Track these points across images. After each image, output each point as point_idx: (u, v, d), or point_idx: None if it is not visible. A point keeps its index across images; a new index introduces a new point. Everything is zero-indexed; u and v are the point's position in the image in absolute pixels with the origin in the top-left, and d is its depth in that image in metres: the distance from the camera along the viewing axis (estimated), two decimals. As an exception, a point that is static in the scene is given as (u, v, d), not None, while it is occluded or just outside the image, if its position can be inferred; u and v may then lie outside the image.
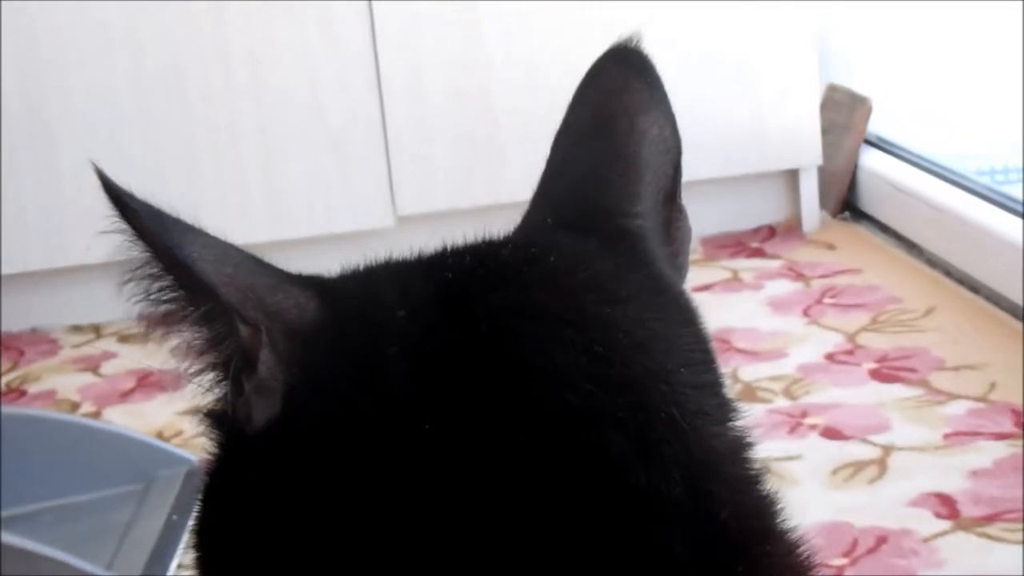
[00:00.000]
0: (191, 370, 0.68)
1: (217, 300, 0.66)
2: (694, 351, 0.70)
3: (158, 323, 0.67)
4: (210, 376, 0.69)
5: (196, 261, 0.65)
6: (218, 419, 0.70)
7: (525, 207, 0.78)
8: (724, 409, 0.70)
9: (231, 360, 0.68)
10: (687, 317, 0.72)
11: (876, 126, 2.73)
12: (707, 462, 0.66)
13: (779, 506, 0.69)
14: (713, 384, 0.70)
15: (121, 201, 0.66)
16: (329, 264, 0.75)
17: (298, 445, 0.67)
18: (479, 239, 0.73)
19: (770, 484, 0.69)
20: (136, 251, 0.66)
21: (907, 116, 2.83)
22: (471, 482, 0.64)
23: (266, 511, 0.68)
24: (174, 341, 0.68)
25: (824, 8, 2.73)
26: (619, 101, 0.74)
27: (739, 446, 0.69)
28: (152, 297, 0.67)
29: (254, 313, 0.67)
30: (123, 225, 0.66)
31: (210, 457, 0.70)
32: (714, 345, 0.72)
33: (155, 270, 0.66)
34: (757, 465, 0.69)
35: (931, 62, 2.96)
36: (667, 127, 0.74)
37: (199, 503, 0.71)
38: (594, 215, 0.73)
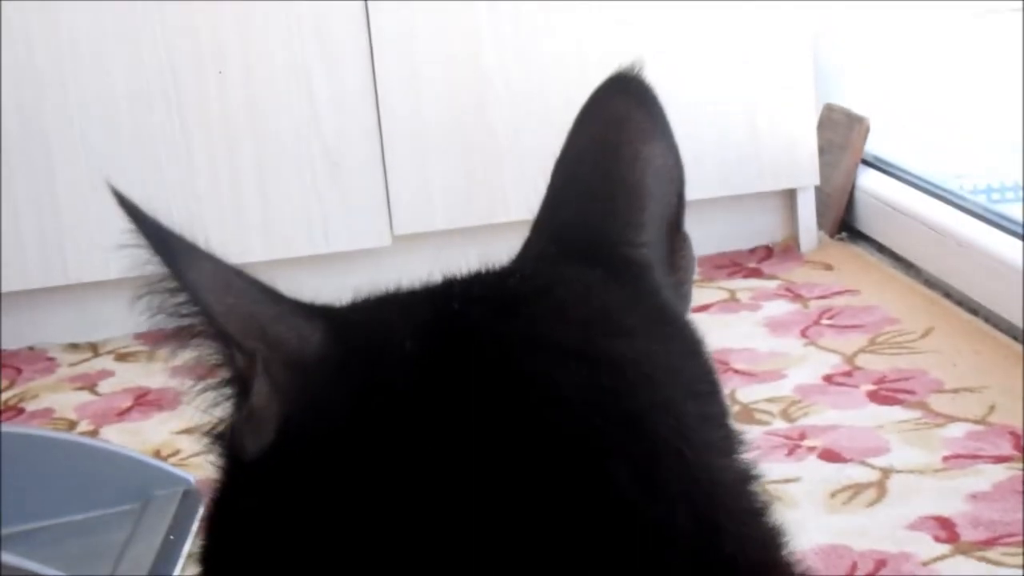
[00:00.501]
0: (197, 388, 0.68)
1: (217, 328, 0.66)
2: (700, 383, 0.70)
3: (169, 337, 0.67)
4: (214, 395, 0.69)
5: (198, 289, 0.65)
6: (221, 442, 0.70)
7: (523, 227, 0.77)
8: (730, 441, 0.69)
9: (233, 383, 0.68)
10: (693, 348, 0.72)
11: (873, 146, 2.73)
12: (713, 495, 0.66)
13: (785, 538, 0.69)
14: (719, 416, 0.70)
15: (136, 218, 0.66)
16: (325, 283, 0.75)
17: (293, 475, 0.67)
18: (484, 268, 0.73)
19: (776, 516, 0.69)
20: (154, 265, 0.66)
21: (904, 136, 2.83)
22: (474, 516, 0.64)
23: (260, 541, 0.67)
24: (183, 357, 0.67)
25: (821, 28, 2.73)
26: (622, 130, 0.74)
27: (745, 478, 0.69)
28: (168, 311, 0.67)
29: (252, 343, 0.66)
30: (140, 240, 0.66)
31: (215, 481, 0.70)
32: (718, 374, 0.72)
33: (173, 285, 0.66)
34: (763, 497, 0.69)
35: (928, 81, 2.97)
36: (670, 156, 0.74)
37: (204, 529, 0.71)
38: (599, 245, 0.72)
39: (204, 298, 0.66)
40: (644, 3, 2.56)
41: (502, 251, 0.75)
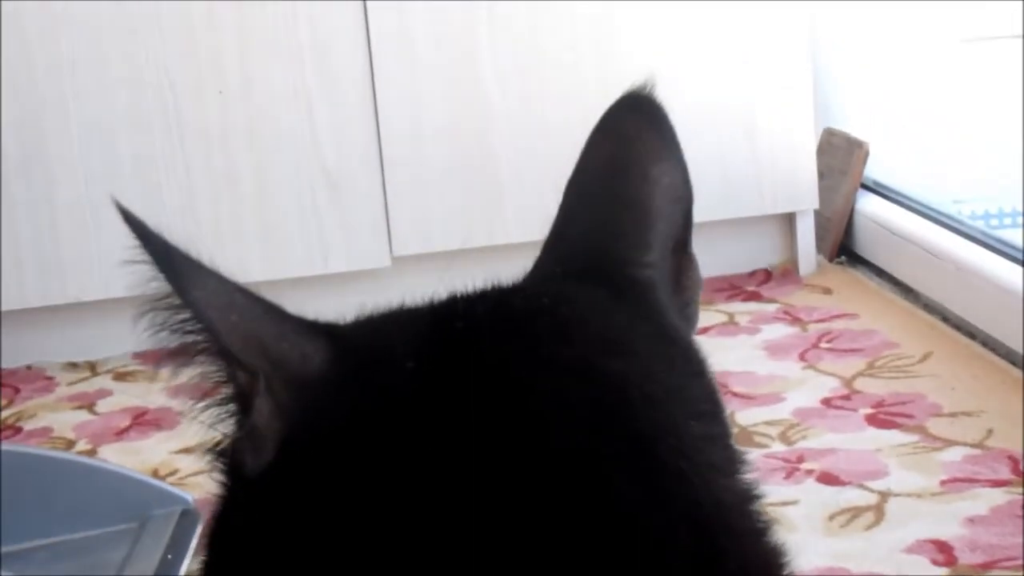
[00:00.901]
0: (199, 405, 0.68)
1: (219, 346, 0.66)
2: (703, 403, 0.70)
3: (173, 355, 0.67)
4: (216, 412, 0.69)
5: (201, 306, 0.65)
6: (223, 458, 0.70)
7: (522, 249, 0.78)
8: (732, 461, 0.70)
9: (235, 400, 0.68)
10: (696, 368, 0.72)
11: (873, 170, 2.74)
12: (716, 515, 0.66)
13: (787, 558, 0.69)
14: (721, 436, 0.70)
15: (141, 235, 0.66)
16: (324, 304, 0.75)
17: (293, 492, 0.67)
18: (488, 286, 0.73)
19: (777, 536, 0.69)
20: (158, 282, 0.66)
21: (904, 160, 2.84)
22: (474, 534, 0.64)
23: (259, 558, 0.68)
24: (186, 374, 0.68)
25: (821, 52, 2.73)
26: (632, 149, 0.74)
27: (747, 498, 0.69)
28: (171, 329, 0.67)
29: (255, 361, 0.67)
30: (145, 257, 0.66)
31: (216, 497, 0.70)
32: (721, 395, 0.72)
33: (176, 302, 0.66)
34: (765, 517, 0.69)
35: (928, 106, 2.97)
36: (679, 176, 0.74)
37: (205, 545, 0.71)
38: (605, 264, 0.72)
39: (207, 316, 0.66)
40: (645, 26, 2.57)
41: (501, 273, 0.75)
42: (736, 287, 2.65)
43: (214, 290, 0.66)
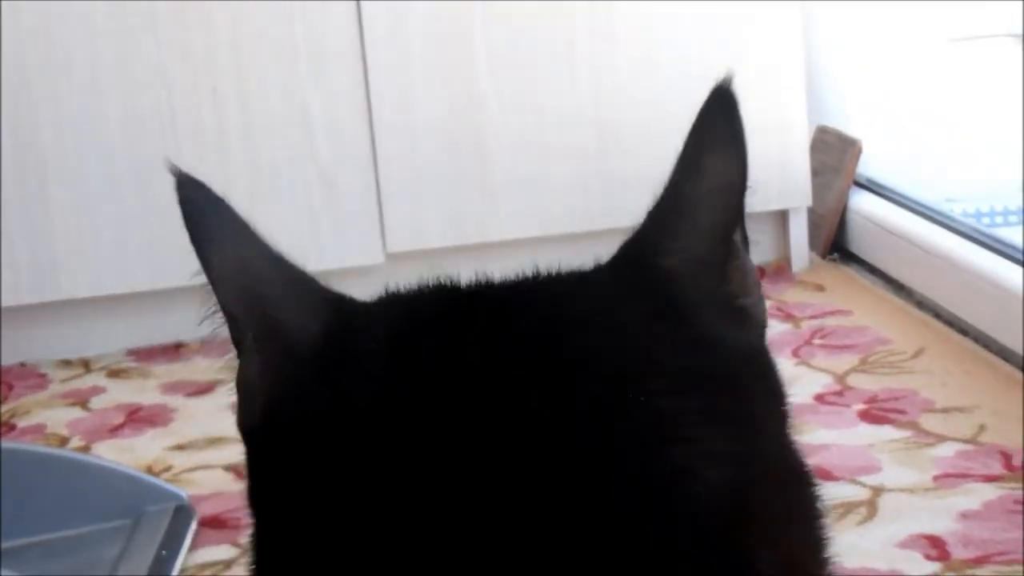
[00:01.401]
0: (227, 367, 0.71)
1: (222, 306, 0.69)
2: (707, 388, 0.69)
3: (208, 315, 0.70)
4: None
5: (212, 268, 0.67)
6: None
7: (515, 245, 0.78)
8: (734, 449, 0.69)
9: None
10: (712, 361, 0.70)
11: (866, 168, 2.74)
12: (715, 508, 0.66)
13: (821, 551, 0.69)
14: (717, 417, 0.69)
15: (182, 201, 0.68)
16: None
17: (273, 460, 0.68)
18: (509, 275, 0.73)
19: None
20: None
21: (897, 158, 2.84)
22: (459, 529, 0.63)
23: (260, 516, 0.69)
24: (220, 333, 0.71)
25: (814, 50, 2.74)
26: (697, 143, 0.74)
27: (746, 486, 0.69)
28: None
29: (251, 322, 0.69)
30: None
31: None
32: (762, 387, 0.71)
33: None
34: (771, 507, 0.69)
35: (921, 104, 2.97)
36: (733, 164, 0.73)
37: None
38: (630, 253, 0.72)
39: (215, 276, 0.68)
40: (639, 24, 2.57)
41: (495, 269, 0.76)
42: (729, 284, 2.65)
43: (228, 254, 0.69)
